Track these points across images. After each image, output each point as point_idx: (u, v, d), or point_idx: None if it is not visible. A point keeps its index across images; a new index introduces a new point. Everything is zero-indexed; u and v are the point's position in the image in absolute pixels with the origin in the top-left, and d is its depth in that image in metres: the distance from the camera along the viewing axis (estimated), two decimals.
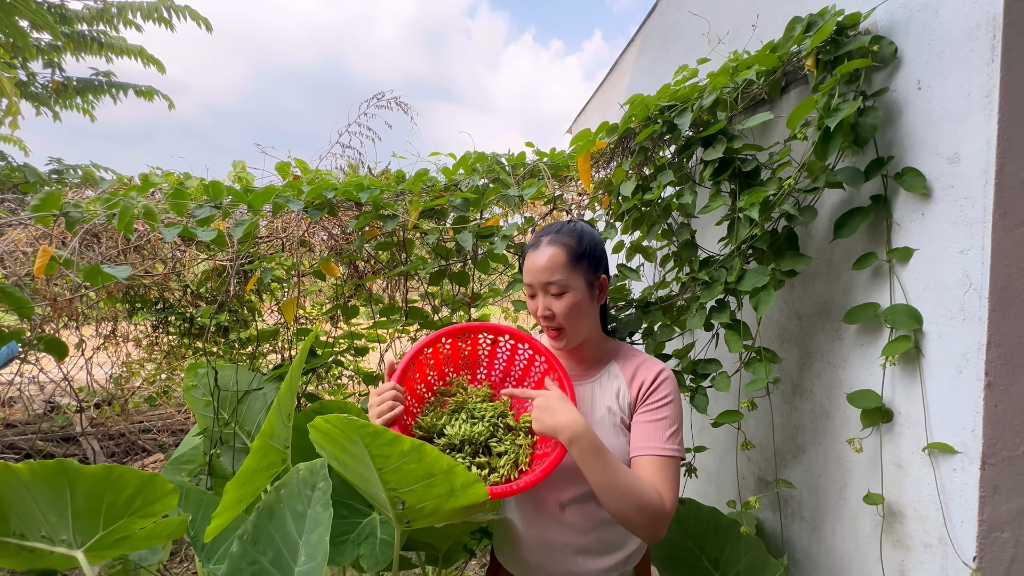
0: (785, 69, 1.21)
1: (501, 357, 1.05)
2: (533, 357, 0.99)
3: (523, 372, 1.03)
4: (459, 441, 0.89)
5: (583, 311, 0.91)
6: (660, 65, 2.21)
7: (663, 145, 1.39)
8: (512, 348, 1.03)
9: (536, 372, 1.00)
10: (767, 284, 1.08)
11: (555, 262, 0.89)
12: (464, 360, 1.05)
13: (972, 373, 0.87)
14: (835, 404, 1.17)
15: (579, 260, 0.90)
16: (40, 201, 1.22)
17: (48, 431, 3.32)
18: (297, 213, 1.48)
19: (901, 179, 0.97)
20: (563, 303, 0.89)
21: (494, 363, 1.06)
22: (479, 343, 1.03)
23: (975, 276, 0.87)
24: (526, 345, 1.00)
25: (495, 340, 1.03)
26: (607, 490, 0.78)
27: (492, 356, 1.05)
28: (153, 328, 2.78)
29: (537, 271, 0.90)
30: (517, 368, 1.04)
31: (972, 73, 0.87)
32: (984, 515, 0.87)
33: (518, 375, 1.04)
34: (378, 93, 1.94)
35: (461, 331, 1.00)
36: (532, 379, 1.00)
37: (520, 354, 1.03)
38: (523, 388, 0.99)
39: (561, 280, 0.89)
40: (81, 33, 4.53)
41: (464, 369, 1.06)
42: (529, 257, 0.93)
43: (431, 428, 0.92)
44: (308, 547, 0.80)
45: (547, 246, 0.91)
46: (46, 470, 0.94)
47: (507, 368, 1.05)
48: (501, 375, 1.06)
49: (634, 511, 0.78)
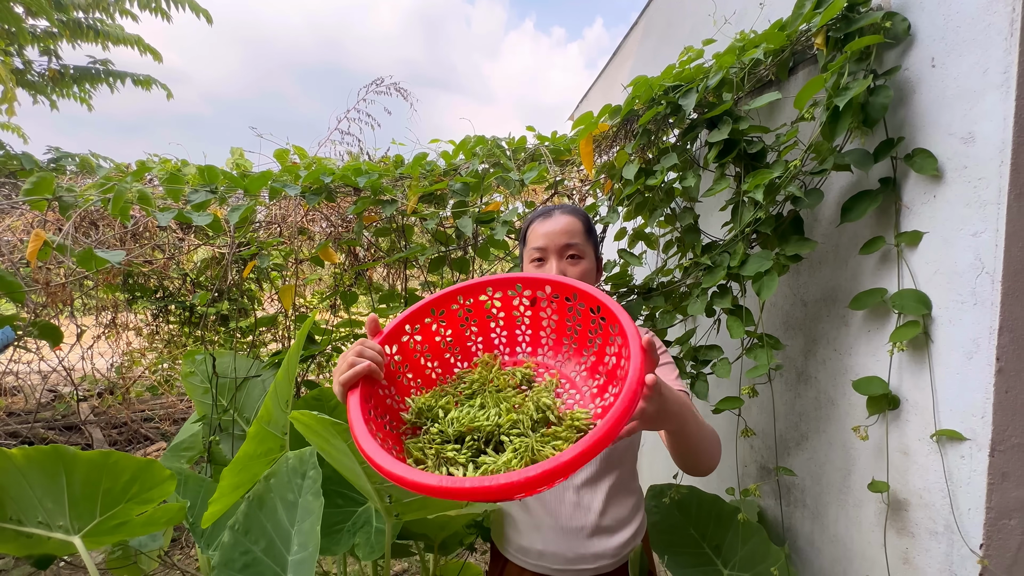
0: (793, 49, 1.17)
1: (548, 323, 0.75)
2: (607, 328, 0.67)
3: (599, 348, 0.69)
4: (454, 432, 0.63)
5: (590, 283, 0.92)
6: (664, 49, 2.17)
7: (667, 129, 1.36)
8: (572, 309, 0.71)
9: (596, 330, 0.68)
10: (770, 269, 1.06)
11: (574, 228, 0.92)
12: (496, 329, 0.77)
13: (983, 359, 0.85)
14: (840, 391, 1.15)
15: (590, 233, 0.95)
16: (32, 185, 1.20)
17: (51, 420, 3.33)
18: (295, 198, 1.46)
19: (912, 160, 0.94)
20: (578, 269, 0.91)
21: (540, 332, 0.76)
22: (515, 303, 0.75)
23: (988, 259, 0.84)
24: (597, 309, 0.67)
25: (534, 298, 0.74)
26: (699, 443, 0.75)
27: (536, 322, 0.76)
28: (153, 317, 2.77)
29: (556, 234, 0.91)
30: (592, 344, 0.70)
31: (989, 49, 0.84)
32: (992, 502, 0.85)
33: (574, 344, 0.73)
34: (377, 79, 1.91)
35: (484, 287, 0.72)
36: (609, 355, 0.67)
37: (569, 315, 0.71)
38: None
39: (580, 245, 0.91)
40: (77, 20, 4.48)
41: (501, 343, 0.77)
42: (541, 224, 0.94)
43: (425, 412, 0.67)
44: (300, 536, 0.79)
45: (563, 214, 0.94)
46: (41, 456, 0.93)
47: (560, 335, 0.74)
48: (554, 349, 0.75)
49: (716, 446, 0.79)
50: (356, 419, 0.57)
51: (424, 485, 0.49)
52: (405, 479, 0.50)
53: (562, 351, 0.75)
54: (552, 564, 0.91)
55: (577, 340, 0.73)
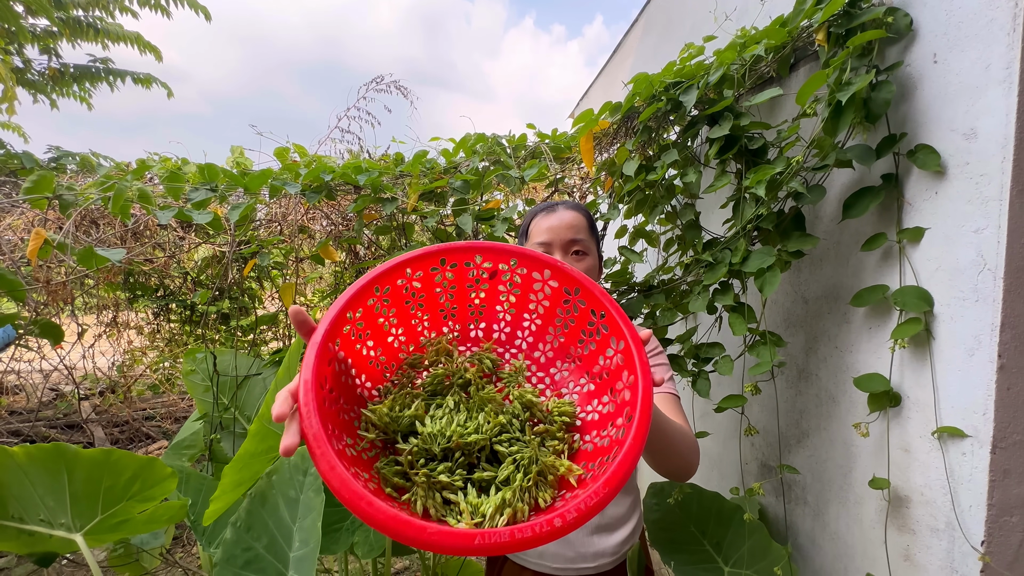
0: (794, 45, 1.17)
1: (506, 299, 0.63)
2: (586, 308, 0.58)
3: (569, 332, 0.61)
4: (440, 449, 0.51)
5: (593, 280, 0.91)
6: (664, 46, 2.16)
7: (668, 126, 1.36)
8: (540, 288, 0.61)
9: (592, 335, 0.58)
10: (773, 265, 1.05)
11: (578, 223, 0.90)
12: (448, 307, 0.63)
13: (984, 355, 0.85)
14: (841, 389, 1.15)
15: (593, 230, 0.93)
16: (33, 183, 1.20)
17: (52, 418, 3.34)
18: (295, 196, 1.46)
19: (914, 156, 0.94)
20: (582, 266, 0.90)
21: (496, 310, 0.64)
22: (471, 275, 0.61)
23: (990, 256, 0.84)
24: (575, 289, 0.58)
25: (494, 271, 0.61)
26: (671, 447, 0.70)
27: (493, 300, 0.63)
28: (154, 315, 2.78)
29: (562, 228, 0.90)
30: (562, 326, 0.61)
31: (991, 44, 0.83)
32: (993, 499, 0.85)
33: (560, 337, 0.62)
34: (377, 77, 1.90)
35: (438, 255, 0.58)
36: (588, 344, 0.59)
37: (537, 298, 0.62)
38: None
39: (585, 241, 0.90)
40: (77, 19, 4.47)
41: (453, 322, 0.64)
42: (544, 218, 0.92)
43: (391, 425, 0.53)
44: (302, 532, 0.79)
45: (566, 210, 0.92)
46: (42, 454, 0.93)
47: (516, 317, 0.64)
48: (513, 331, 0.64)
49: (693, 452, 0.75)
50: (332, 468, 0.39)
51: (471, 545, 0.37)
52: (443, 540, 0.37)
53: (540, 339, 0.64)
54: (552, 563, 0.91)
55: (566, 335, 0.62)
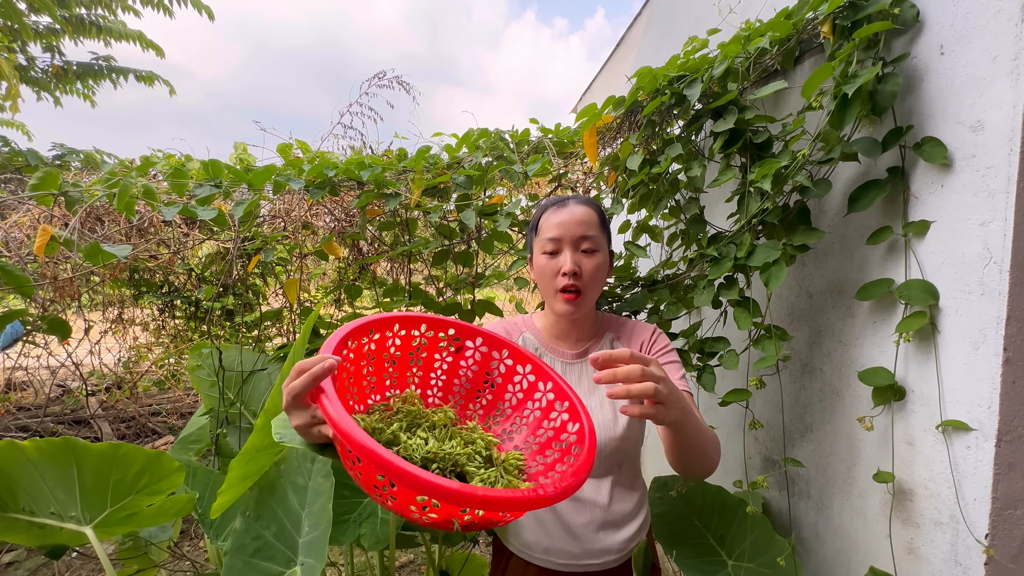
0: (799, 37, 1.16)
1: (465, 370, 0.77)
2: (528, 378, 0.74)
3: (517, 403, 0.75)
4: (420, 458, 0.61)
5: (604, 277, 0.91)
6: (668, 40, 2.15)
7: (671, 120, 1.35)
8: (483, 361, 0.76)
9: (537, 403, 0.73)
10: (778, 259, 1.05)
11: (590, 219, 0.89)
12: (413, 370, 0.75)
13: (990, 349, 0.85)
14: (845, 383, 1.15)
15: (604, 226, 0.92)
16: (39, 180, 1.20)
17: (60, 414, 3.37)
18: (298, 192, 1.46)
19: (920, 149, 0.93)
20: (593, 262, 0.88)
21: (455, 378, 0.77)
22: (433, 347, 0.75)
23: (996, 249, 0.84)
24: (505, 354, 0.74)
25: (456, 345, 0.75)
26: (700, 446, 0.72)
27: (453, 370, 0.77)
28: (159, 312, 2.79)
29: (572, 224, 0.88)
30: (513, 395, 0.75)
31: (999, 35, 0.83)
32: (998, 492, 0.85)
33: (512, 403, 0.76)
34: (379, 72, 1.90)
35: (392, 323, 0.70)
36: (533, 412, 0.74)
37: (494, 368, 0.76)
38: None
39: (595, 237, 0.89)
40: (79, 16, 4.48)
41: (412, 380, 0.76)
42: (555, 213, 0.90)
43: (376, 434, 0.62)
44: (311, 517, 0.80)
45: (577, 205, 0.90)
46: (52, 448, 0.94)
47: (471, 389, 0.77)
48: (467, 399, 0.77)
49: (715, 449, 0.77)
50: (349, 424, 0.50)
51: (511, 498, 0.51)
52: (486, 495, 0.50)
53: (491, 409, 0.77)
54: (558, 559, 0.91)
55: (513, 408, 0.76)
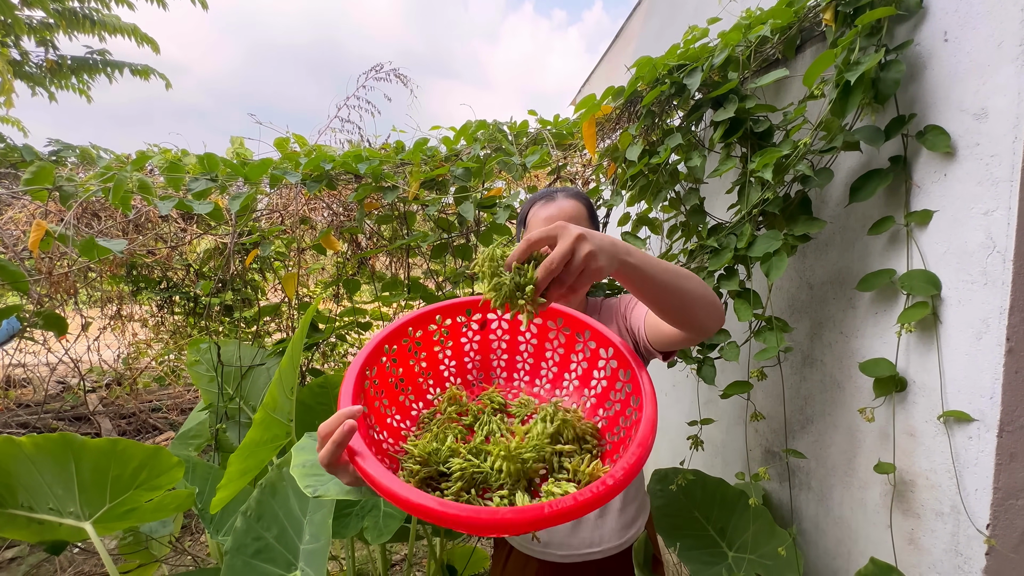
0: (801, 25, 1.14)
1: (497, 342, 0.75)
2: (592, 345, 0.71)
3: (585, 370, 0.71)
4: (495, 479, 0.57)
5: None
6: (668, 30, 2.13)
7: (671, 110, 1.34)
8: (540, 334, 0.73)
9: (603, 371, 0.69)
10: (779, 249, 1.04)
11: (578, 213, 0.89)
12: (444, 359, 0.74)
13: (992, 339, 0.84)
14: (846, 374, 1.14)
15: (592, 219, 0.92)
16: (32, 175, 1.19)
17: (60, 410, 3.37)
18: (295, 186, 1.45)
19: (923, 138, 0.92)
20: None
21: (490, 353, 0.77)
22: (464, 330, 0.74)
23: (999, 238, 0.83)
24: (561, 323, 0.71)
25: (479, 323, 0.74)
26: (675, 282, 0.62)
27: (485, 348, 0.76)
28: (158, 308, 2.79)
29: (560, 218, 0.88)
30: (577, 364, 0.72)
31: (1004, 20, 0.81)
32: (999, 483, 0.85)
33: (554, 368, 0.74)
34: (376, 65, 1.88)
35: (434, 313, 0.70)
36: (580, 364, 0.71)
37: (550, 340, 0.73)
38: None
39: None
40: (73, 10, 4.43)
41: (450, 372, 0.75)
42: (543, 207, 0.91)
43: (432, 459, 0.59)
44: (312, 527, 0.80)
45: (566, 198, 0.90)
46: (50, 444, 0.94)
47: (535, 361, 0.75)
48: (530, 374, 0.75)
49: (709, 299, 0.66)
50: (384, 475, 0.48)
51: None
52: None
53: (535, 375, 0.75)
54: (558, 551, 0.92)
55: (558, 365, 0.74)
